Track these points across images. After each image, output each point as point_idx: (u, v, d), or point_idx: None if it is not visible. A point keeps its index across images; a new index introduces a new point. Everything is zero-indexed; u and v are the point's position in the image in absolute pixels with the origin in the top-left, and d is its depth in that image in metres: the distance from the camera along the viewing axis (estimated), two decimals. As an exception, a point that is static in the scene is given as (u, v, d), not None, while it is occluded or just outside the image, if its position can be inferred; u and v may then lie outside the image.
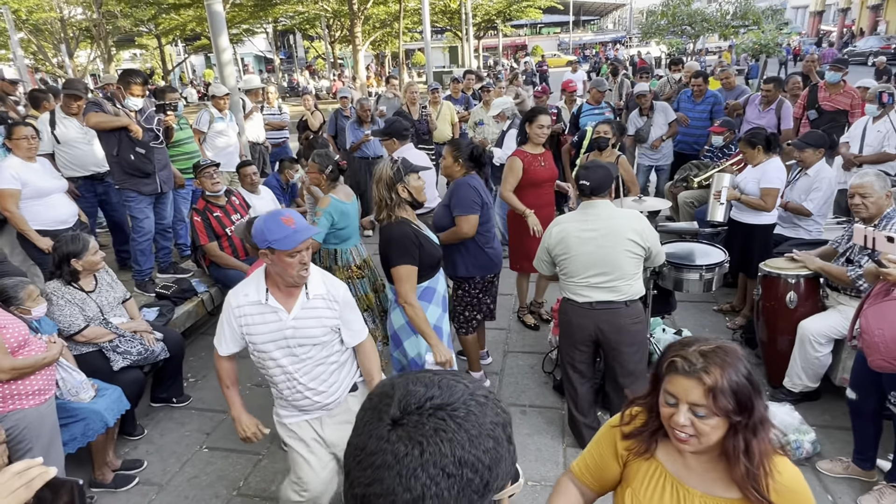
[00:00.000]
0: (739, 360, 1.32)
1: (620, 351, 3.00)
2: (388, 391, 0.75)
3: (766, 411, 1.32)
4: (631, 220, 2.93)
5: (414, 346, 2.91)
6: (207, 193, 4.46)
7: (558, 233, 2.99)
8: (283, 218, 2.05)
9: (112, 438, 3.19)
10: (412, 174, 2.80)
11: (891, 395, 2.57)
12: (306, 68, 33.60)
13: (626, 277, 2.92)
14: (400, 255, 2.73)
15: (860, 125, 5.30)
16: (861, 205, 3.12)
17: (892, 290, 2.41)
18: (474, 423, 0.71)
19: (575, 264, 2.94)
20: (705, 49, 28.67)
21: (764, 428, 1.31)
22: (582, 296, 2.97)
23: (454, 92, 8.50)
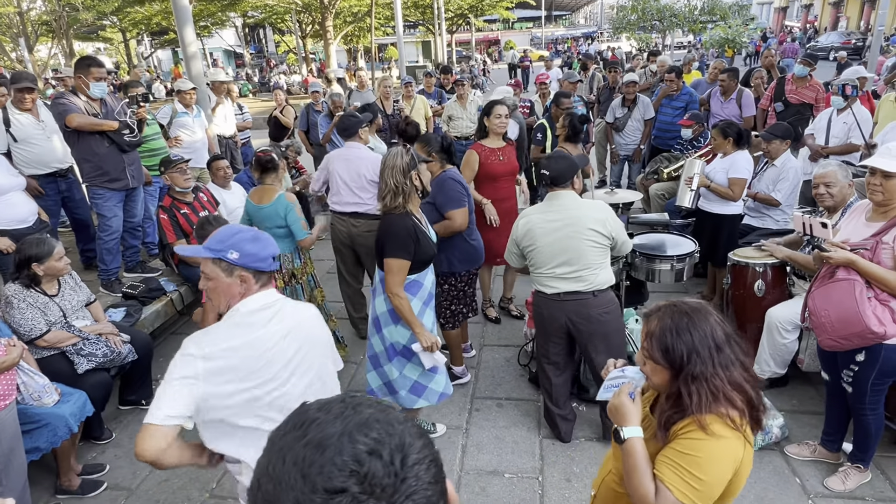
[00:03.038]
0: (685, 317, 1.46)
1: (593, 342, 3.02)
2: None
3: (713, 376, 1.41)
4: (593, 210, 2.95)
5: (393, 334, 2.89)
6: (178, 189, 4.34)
7: (524, 224, 3.02)
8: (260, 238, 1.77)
9: (75, 444, 3.10)
10: (422, 164, 2.86)
11: (843, 373, 2.65)
12: (280, 65, 33.11)
13: (591, 267, 2.93)
14: (395, 248, 2.73)
15: (825, 117, 5.43)
16: (825, 194, 3.21)
17: (835, 273, 2.49)
18: None
19: (541, 255, 2.97)
20: (672, 44, 29.09)
21: (700, 386, 1.41)
22: (550, 287, 2.99)
23: (427, 86, 8.45)
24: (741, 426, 1.42)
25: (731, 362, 1.44)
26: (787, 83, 6.37)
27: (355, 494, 0.53)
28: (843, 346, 2.51)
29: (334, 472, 0.54)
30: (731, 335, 1.48)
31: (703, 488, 1.41)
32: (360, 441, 0.57)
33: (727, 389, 1.41)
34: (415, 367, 2.94)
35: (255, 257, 1.69)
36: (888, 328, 2.36)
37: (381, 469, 0.55)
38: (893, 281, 2.33)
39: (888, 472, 2.92)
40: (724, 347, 1.44)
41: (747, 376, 1.46)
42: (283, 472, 0.56)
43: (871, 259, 2.40)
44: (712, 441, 1.40)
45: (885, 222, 2.42)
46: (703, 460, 1.40)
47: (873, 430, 2.69)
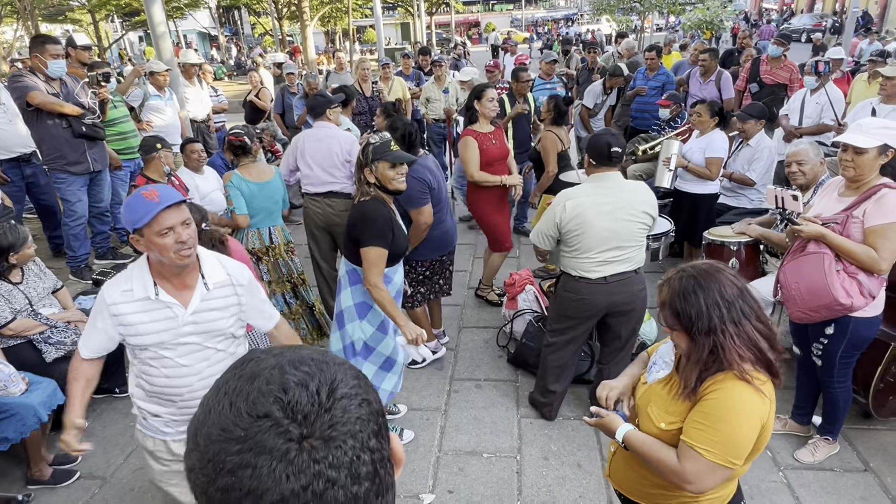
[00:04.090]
0: (692, 279, 1.49)
1: (629, 319, 2.99)
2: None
3: (725, 332, 1.44)
4: (641, 191, 2.86)
5: (355, 331, 2.79)
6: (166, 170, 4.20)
7: (573, 207, 2.76)
8: (146, 192, 1.78)
9: (46, 433, 3.03)
10: (384, 162, 2.62)
11: (813, 346, 2.70)
12: (257, 47, 32.39)
13: (637, 248, 2.88)
14: (373, 236, 2.60)
15: (799, 98, 5.48)
16: (798, 172, 3.24)
17: (806, 247, 2.53)
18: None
19: (591, 240, 2.78)
20: (652, 27, 29.10)
21: (715, 344, 1.45)
22: (596, 272, 2.84)
23: (405, 68, 8.34)
24: (759, 381, 1.44)
25: (745, 315, 1.45)
26: (762, 64, 6.41)
27: (278, 419, 0.54)
28: (812, 318, 2.55)
29: (259, 399, 0.55)
30: (744, 289, 1.49)
31: (732, 446, 1.43)
32: (290, 373, 0.58)
33: (740, 344, 1.44)
34: (371, 365, 2.85)
35: None
36: (855, 300, 2.41)
37: (305, 398, 0.56)
38: (861, 254, 2.37)
39: (855, 443, 3.00)
40: (736, 302, 1.45)
41: (761, 327, 1.47)
42: (215, 402, 0.58)
43: (842, 233, 2.43)
44: (735, 398, 1.43)
45: (856, 197, 2.45)
46: (728, 418, 1.43)
47: (841, 402, 2.75)
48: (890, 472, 2.81)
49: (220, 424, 0.55)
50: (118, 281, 1.91)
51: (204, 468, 0.54)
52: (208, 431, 0.56)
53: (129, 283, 1.89)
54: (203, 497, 0.55)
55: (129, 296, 1.87)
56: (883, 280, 2.47)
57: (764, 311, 1.38)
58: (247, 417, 0.54)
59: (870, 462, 2.88)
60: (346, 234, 2.74)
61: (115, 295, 1.87)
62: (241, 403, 0.56)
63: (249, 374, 0.59)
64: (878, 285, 2.44)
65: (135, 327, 1.89)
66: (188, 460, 0.57)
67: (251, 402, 0.55)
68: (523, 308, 3.98)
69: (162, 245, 1.79)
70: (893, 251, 2.35)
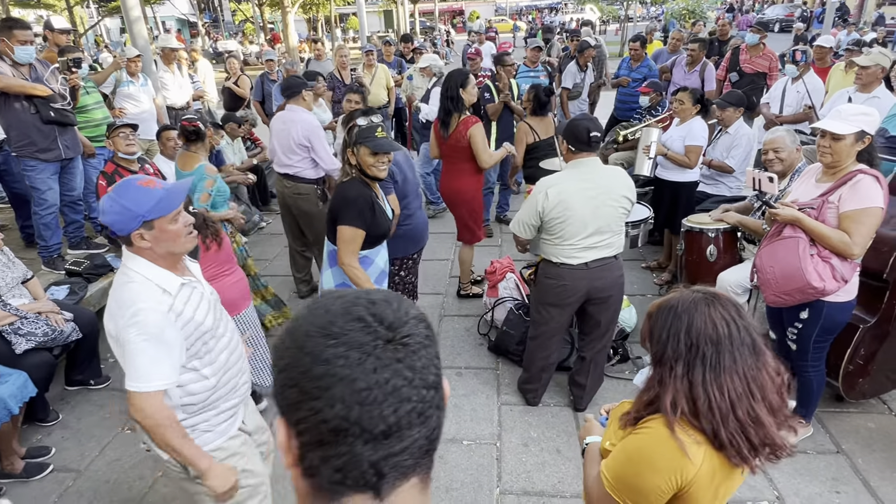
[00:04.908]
0: (676, 301, 1.30)
1: (609, 304, 3.00)
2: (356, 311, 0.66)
3: (671, 372, 1.26)
4: (620, 177, 2.85)
5: None
6: (121, 155, 4.11)
7: (557, 194, 2.73)
8: (141, 182, 1.68)
9: (17, 426, 2.97)
10: (365, 147, 2.56)
11: (788, 330, 2.74)
12: (237, 34, 31.85)
13: (617, 233, 2.88)
14: (351, 216, 2.57)
15: (780, 86, 5.53)
16: (774, 160, 3.28)
17: (783, 231, 2.56)
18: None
19: (574, 227, 2.78)
20: (635, 15, 29.14)
21: (658, 377, 1.30)
22: (577, 258, 2.85)
23: (386, 55, 8.24)
24: (689, 439, 1.24)
25: (707, 364, 1.23)
26: (741, 53, 6.44)
27: (368, 322, 0.63)
28: (785, 301, 2.59)
29: (351, 308, 0.65)
30: (728, 338, 1.23)
31: (632, 490, 1.31)
32: (373, 295, 0.68)
33: (679, 389, 1.25)
34: None
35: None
36: (827, 283, 2.44)
37: (389, 311, 0.65)
38: (835, 238, 2.40)
39: (828, 426, 3.06)
40: (703, 346, 1.23)
41: (731, 391, 1.21)
42: (308, 313, 0.66)
43: (817, 218, 2.46)
44: (648, 444, 1.29)
45: (833, 183, 2.48)
46: (636, 460, 1.31)
47: (815, 386, 2.80)
48: (861, 453, 2.87)
49: (316, 324, 0.63)
50: (144, 294, 1.67)
51: (300, 360, 0.62)
52: (306, 329, 0.63)
53: (152, 289, 1.69)
54: (294, 389, 0.62)
55: (168, 297, 1.70)
56: (856, 265, 2.50)
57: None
58: (342, 319, 0.63)
59: (842, 444, 2.93)
60: (328, 213, 2.72)
61: (163, 304, 1.67)
62: (337, 309, 0.65)
63: (335, 295, 0.68)
64: (850, 270, 2.47)
65: (195, 319, 1.74)
66: (281, 360, 0.64)
67: (345, 309, 0.65)
68: (504, 296, 3.98)
69: (176, 231, 1.70)
70: (866, 236, 2.39)
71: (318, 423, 0.60)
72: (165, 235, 1.69)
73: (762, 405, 1.23)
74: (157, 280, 1.70)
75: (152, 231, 1.67)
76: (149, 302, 1.65)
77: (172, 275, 1.74)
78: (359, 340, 0.61)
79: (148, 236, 1.67)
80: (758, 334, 1.26)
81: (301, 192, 4.18)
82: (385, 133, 2.60)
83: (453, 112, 3.98)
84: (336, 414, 0.59)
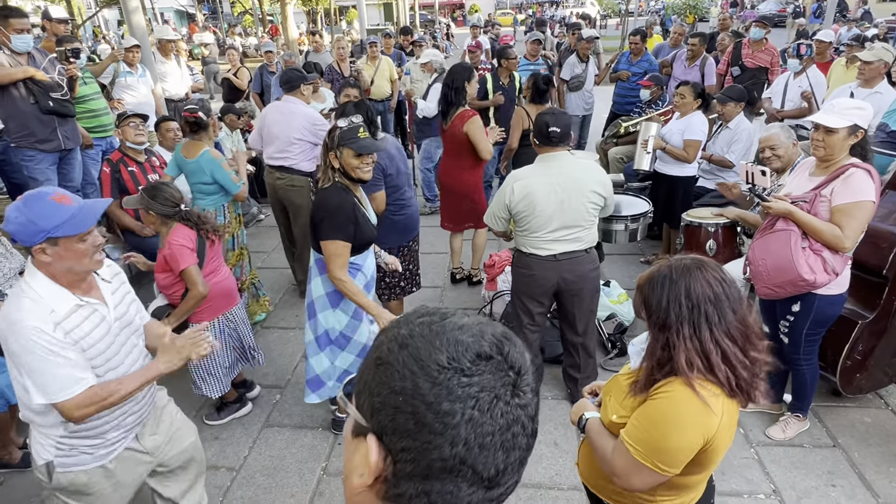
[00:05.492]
0: (668, 270, 1.40)
1: (581, 297, 3.01)
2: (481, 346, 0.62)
3: (680, 333, 1.35)
4: (592, 171, 2.85)
5: (329, 319, 2.71)
6: (128, 144, 4.09)
7: (522, 188, 2.78)
8: (54, 197, 1.61)
9: (14, 416, 2.97)
10: (349, 149, 2.44)
11: (780, 323, 2.74)
12: (234, 26, 31.66)
13: (586, 227, 2.89)
14: (332, 229, 2.46)
15: (782, 81, 5.52)
16: (772, 157, 3.27)
17: (775, 224, 2.56)
18: None
19: (540, 220, 2.81)
20: (636, 10, 29.07)
21: (669, 342, 1.37)
22: (546, 249, 2.89)
23: (386, 47, 8.20)
24: (708, 392, 1.32)
25: (711, 321, 1.33)
26: (743, 47, 6.42)
27: (499, 363, 0.60)
28: (777, 293, 2.59)
29: (480, 340, 0.60)
30: (724, 297, 1.34)
31: (661, 451, 1.35)
32: (497, 331, 0.63)
33: (690, 348, 1.33)
34: (348, 355, 2.78)
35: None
36: (818, 276, 2.45)
37: (516, 354, 0.62)
38: (826, 231, 2.40)
39: (825, 420, 3.07)
40: (703, 305, 1.33)
41: (730, 341, 1.33)
42: (431, 338, 0.60)
43: (810, 211, 2.46)
44: (673, 405, 1.34)
45: (826, 177, 2.48)
46: (662, 424, 1.35)
47: (809, 379, 2.80)
48: (857, 447, 2.88)
49: (446, 354, 0.59)
50: (29, 311, 1.60)
51: (427, 391, 0.57)
52: (435, 358, 0.58)
53: (42, 304, 1.61)
54: (410, 417, 0.58)
55: (56, 316, 1.62)
56: (847, 258, 2.51)
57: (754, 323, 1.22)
58: (472, 353, 0.59)
59: (838, 438, 2.94)
60: (310, 221, 2.61)
61: (45, 321, 1.59)
62: (466, 340, 0.60)
63: (454, 319, 0.63)
64: (841, 263, 2.48)
65: (91, 338, 1.69)
66: (398, 380, 0.59)
67: (475, 341, 0.60)
68: (503, 289, 3.98)
69: (82, 251, 1.63)
70: (857, 229, 2.39)
71: (432, 458, 0.58)
72: (69, 254, 1.63)
73: (757, 343, 1.37)
74: (49, 299, 1.63)
75: (56, 248, 1.61)
76: (31, 317, 1.59)
77: (69, 294, 1.68)
78: (491, 383, 0.59)
79: (50, 252, 1.61)
80: (738, 292, 1.39)
81: (296, 184, 4.16)
82: (367, 133, 2.48)
83: (454, 104, 3.99)
84: (455, 453, 0.57)
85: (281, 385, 3.56)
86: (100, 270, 1.80)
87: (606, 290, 4.04)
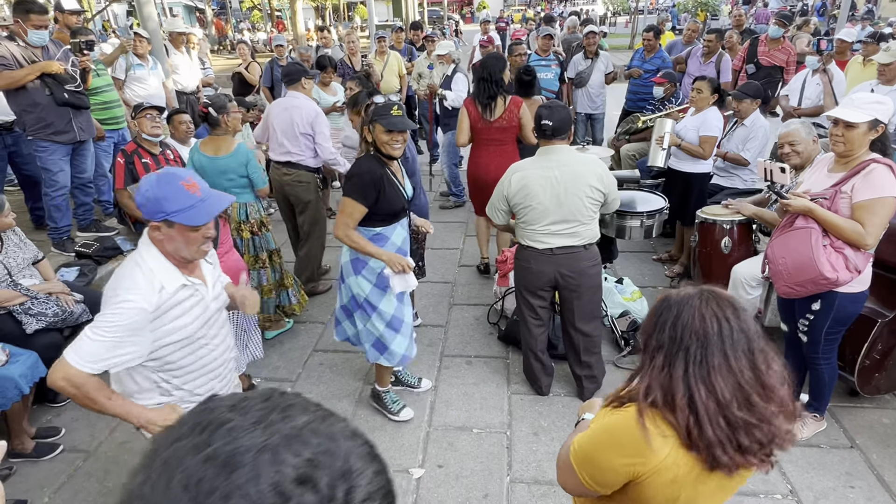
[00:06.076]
0: (676, 296, 1.25)
1: (580, 294, 2.99)
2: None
3: (656, 370, 1.22)
4: (591, 165, 2.85)
5: (353, 285, 2.82)
6: (143, 136, 4.08)
7: (519, 180, 2.84)
8: (185, 182, 1.66)
9: (27, 406, 2.97)
10: (379, 125, 2.58)
11: (799, 322, 2.70)
12: (240, 22, 31.71)
13: (585, 223, 2.88)
14: (353, 189, 2.61)
15: (800, 78, 5.45)
16: (791, 153, 3.23)
17: (795, 221, 2.52)
18: None
19: (536, 212, 2.84)
20: (646, 7, 28.93)
21: (642, 372, 1.26)
22: (543, 242, 2.91)
23: (396, 42, 8.18)
24: (655, 427, 1.18)
25: (689, 359, 1.17)
26: (760, 45, 6.35)
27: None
28: (798, 292, 2.55)
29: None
30: (718, 337, 1.17)
31: (587, 461, 1.30)
32: (288, 462, 0.41)
33: (655, 377, 1.21)
34: (378, 321, 2.86)
35: None
36: (840, 274, 2.40)
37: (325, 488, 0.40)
38: (848, 228, 2.36)
39: (842, 420, 3.03)
40: (688, 340, 1.18)
41: (702, 388, 1.15)
42: (166, 498, 0.40)
43: (830, 208, 2.42)
44: (615, 423, 1.26)
45: (845, 173, 2.43)
46: (600, 436, 1.29)
47: (827, 379, 2.76)
48: (875, 448, 2.84)
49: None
50: (142, 283, 1.67)
51: None
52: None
53: (154, 280, 1.70)
54: None
55: (165, 294, 1.71)
56: (869, 255, 2.46)
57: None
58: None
59: (856, 439, 2.91)
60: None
61: (155, 299, 1.68)
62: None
63: (224, 458, 0.41)
64: (864, 260, 2.44)
65: (178, 320, 1.75)
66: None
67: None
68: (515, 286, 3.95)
69: (192, 238, 1.71)
70: (879, 226, 2.35)
71: None
72: (181, 238, 1.70)
73: (751, 412, 1.15)
74: (161, 274, 1.71)
75: (170, 229, 1.69)
76: (139, 295, 1.66)
77: (178, 272, 1.76)
78: None
79: (164, 231, 1.69)
80: (756, 337, 1.19)
81: (302, 179, 4.14)
82: (401, 112, 2.60)
83: (498, 95, 4.02)
84: None
85: (292, 379, 3.55)
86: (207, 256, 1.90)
87: (619, 287, 4.01)
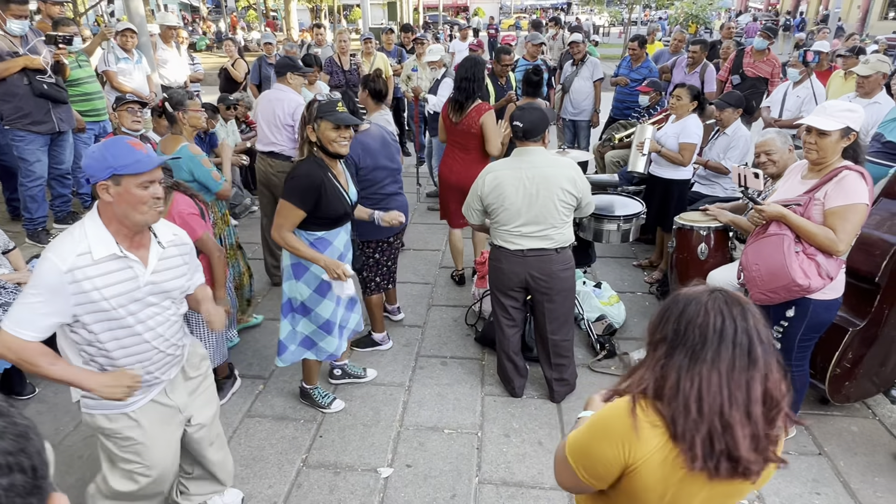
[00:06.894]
0: (686, 292, 1.24)
1: (551, 297, 2.99)
2: None
3: (649, 358, 1.25)
4: (565, 167, 2.85)
5: (293, 289, 2.83)
6: (123, 130, 4.04)
7: (492, 180, 2.86)
8: (130, 141, 1.71)
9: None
10: (326, 122, 2.53)
11: (773, 329, 2.71)
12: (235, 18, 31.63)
13: (557, 226, 2.88)
14: (290, 192, 2.56)
15: (781, 90, 5.51)
16: (767, 161, 3.25)
17: (768, 228, 2.54)
18: None
19: (508, 213, 2.86)
20: (639, 19, 29.22)
21: (642, 366, 1.27)
22: (514, 244, 2.92)
23: (386, 44, 8.18)
24: (644, 416, 1.20)
25: (687, 352, 1.17)
26: (745, 56, 6.43)
27: None
28: (771, 299, 2.56)
29: None
30: (718, 334, 1.15)
31: (577, 448, 1.30)
32: None
33: (649, 368, 1.22)
34: (309, 324, 2.89)
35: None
36: (812, 281, 2.41)
37: None
38: (820, 235, 2.37)
39: (811, 428, 3.04)
40: (688, 334, 1.17)
41: (693, 381, 1.15)
42: None
43: (803, 214, 2.44)
44: (607, 411, 1.28)
45: (818, 180, 2.45)
46: (594, 427, 1.29)
47: (798, 386, 2.77)
48: (843, 456, 2.86)
49: None
50: (66, 244, 1.69)
51: None
52: None
53: (82, 243, 1.69)
54: None
55: (87, 259, 1.68)
56: (841, 262, 2.48)
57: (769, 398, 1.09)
58: None
59: (824, 446, 2.92)
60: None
61: (71, 259, 1.66)
62: None
63: None
64: (836, 267, 2.45)
65: (94, 292, 1.70)
66: None
67: None
68: (493, 287, 3.94)
69: (140, 197, 1.70)
70: (851, 233, 2.37)
71: None
72: (129, 197, 1.70)
73: (739, 415, 1.13)
74: (93, 240, 1.72)
75: (118, 188, 1.69)
76: (55, 253, 1.67)
77: (113, 242, 1.74)
78: None
79: (112, 191, 1.70)
80: (761, 343, 1.15)
81: (285, 169, 4.12)
82: (345, 108, 2.58)
83: (471, 97, 3.95)
84: None
85: (264, 376, 3.51)
86: (163, 239, 1.89)
87: (598, 291, 4.02)
